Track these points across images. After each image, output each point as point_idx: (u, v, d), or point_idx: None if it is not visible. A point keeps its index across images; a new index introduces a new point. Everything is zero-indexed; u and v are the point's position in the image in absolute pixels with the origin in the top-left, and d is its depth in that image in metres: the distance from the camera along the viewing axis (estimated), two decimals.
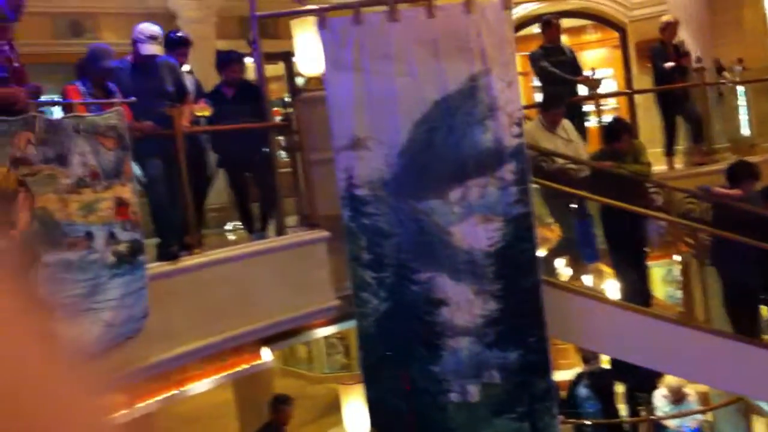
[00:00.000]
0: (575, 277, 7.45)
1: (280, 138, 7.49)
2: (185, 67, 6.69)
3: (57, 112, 5.54)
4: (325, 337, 13.03)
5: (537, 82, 9.74)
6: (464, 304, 6.37)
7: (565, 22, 10.28)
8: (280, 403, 7.72)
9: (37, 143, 4.41)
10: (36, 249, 4.33)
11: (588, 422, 8.86)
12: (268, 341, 6.56)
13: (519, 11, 10.80)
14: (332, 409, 11.08)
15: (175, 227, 5.78)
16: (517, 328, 6.36)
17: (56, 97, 5.76)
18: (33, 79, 5.14)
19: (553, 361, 6.68)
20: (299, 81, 10.45)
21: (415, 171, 6.36)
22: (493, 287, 6.37)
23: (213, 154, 6.95)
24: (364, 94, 6.33)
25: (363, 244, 6.42)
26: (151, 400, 5.76)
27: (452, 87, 6.32)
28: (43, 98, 5.58)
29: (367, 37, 6.32)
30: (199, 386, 6.21)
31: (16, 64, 4.88)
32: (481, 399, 6.40)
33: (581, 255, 7.40)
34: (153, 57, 5.85)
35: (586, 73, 9.21)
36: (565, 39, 10.06)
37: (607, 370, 9.03)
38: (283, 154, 7.89)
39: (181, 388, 6.02)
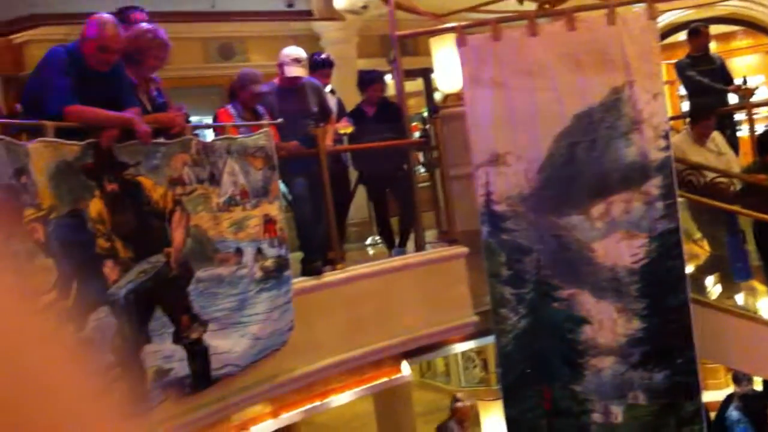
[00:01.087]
0: (726, 295, 7.11)
1: (419, 153, 7.57)
2: (328, 87, 6.88)
3: (209, 135, 5.80)
4: (463, 351, 13.01)
5: (684, 91, 9.38)
6: (607, 323, 6.21)
7: (714, 29, 9.85)
8: (458, 401, 8.19)
9: (192, 164, 4.65)
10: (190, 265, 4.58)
11: None
12: (407, 355, 6.63)
13: (665, 19, 10.44)
14: (471, 423, 11.02)
15: (319, 243, 5.94)
16: (664, 348, 6.14)
17: (208, 120, 6.05)
18: (185, 102, 5.44)
19: (701, 382, 6.39)
20: (437, 96, 10.54)
21: (556, 186, 6.26)
22: (638, 306, 6.17)
23: (353, 171, 7.12)
24: (504, 110, 6.30)
25: (502, 260, 6.38)
26: (295, 411, 5.94)
27: (594, 100, 6.19)
28: (195, 121, 5.88)
29: (506, 52, 6.30)
30: (341, 398, 6.34)
31: None
32: (625, 421, 6.21)
33: (733, 272, 7.06)
34: (298, 79, 6.05)
35: (737, 81, 8.80)
36: (713, 46, 9.64)
37: (760, 392, 8.54)
38: (421, 169, 7.98)
39: (324, 400, 6.16)
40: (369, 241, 8.77)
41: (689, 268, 6.60)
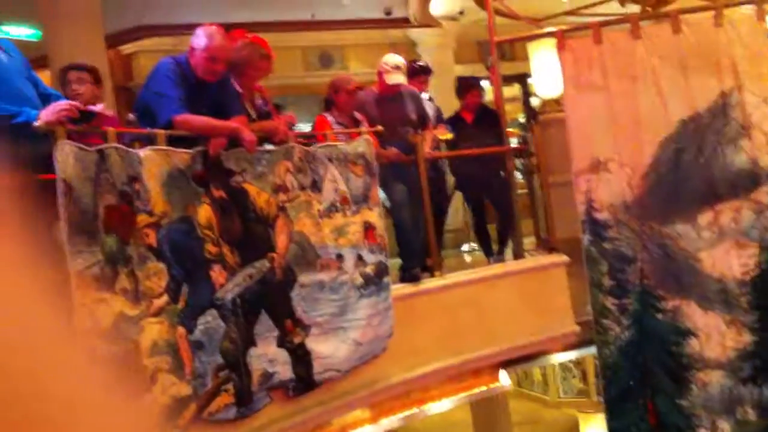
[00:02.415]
0: None
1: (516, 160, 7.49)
2: (425, 95, 6.88)
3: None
4: (561, 362, 12.80)
5: None
6: (715, 335, 6.00)
7: None
8: None
9: (295, 171, 4.73)
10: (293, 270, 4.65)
11: None
12: (505, 364, 6.56)
13: None
14: None
15: (417, 250, 5.94)
16: None
17: (307, 128, 6.13)
18: (286, 110, 5.53)
19: None
20: (534, 102, 10.42)
21: (660, 194, 6.09)
22: (748, 318, 5.94)
23: (450, 177, 7.10)
24: (606, 115, 6.17)
25: (604, 270, 6.24)
26: (393, 417, 5.95)
27: (701, 105, 6.00)
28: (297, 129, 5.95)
29: (609, 56, 6.17)
30: (439, 405, 6.31)
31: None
32: None
33: None
34: (398, 86, 6.06)
35: None
36: None
37: None
38: (518, 176, 7.89)
39: (422, 407, 6.15)
40: (465, 247, 8.74)
41: None
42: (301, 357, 4.58)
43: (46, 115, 3.53)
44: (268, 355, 4.36)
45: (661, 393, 6.09)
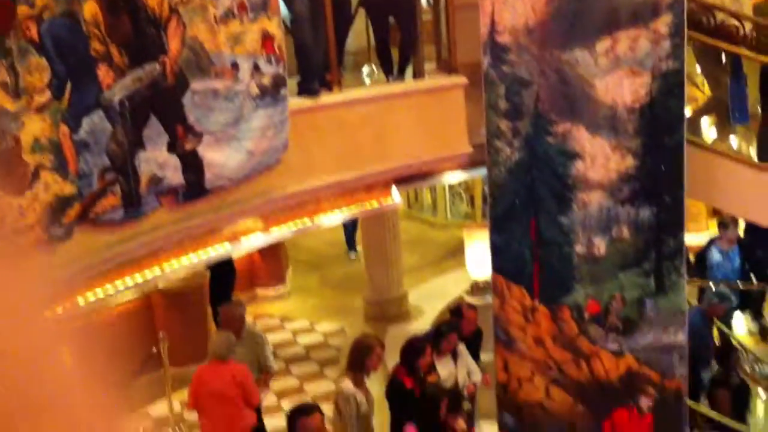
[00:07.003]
0: (721, 138, 7.12)
1: None
2: None
3: None
4: (450, 187, 13.21)
5: None
6: (600, 158, 6.23)
7: None
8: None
9: None
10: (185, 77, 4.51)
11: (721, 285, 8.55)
12: (399, 182, 6.69)
13: None
14: (454, 253, 11.33)
15: (317, 65, 5.84)
16: (654, 186, 6.19)
17: None
18: None
19: (685, 223, 6.50)
20: None
21: (563, 19, 6.09)
22: (633, 143, 6.16)
23: None
24: None
25: (501, 92, 6.30)
26: (284, 227, 6.05)
27: None
28: None
29: None
30: (330, 218, 6.43)
31: None
32: (607, 253, 6.36)
33: (730, 116, 7.02)
34: None
35: None
36: None
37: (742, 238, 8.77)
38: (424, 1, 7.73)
39: (313, 219, 6.25)
40: (366, 70, 8.62)
41: (687, 111, 6.56)
42: (192, 164, 4.55)
43: None
44: (157, 160, 4.31)
45: (544, 211, 6.37)
